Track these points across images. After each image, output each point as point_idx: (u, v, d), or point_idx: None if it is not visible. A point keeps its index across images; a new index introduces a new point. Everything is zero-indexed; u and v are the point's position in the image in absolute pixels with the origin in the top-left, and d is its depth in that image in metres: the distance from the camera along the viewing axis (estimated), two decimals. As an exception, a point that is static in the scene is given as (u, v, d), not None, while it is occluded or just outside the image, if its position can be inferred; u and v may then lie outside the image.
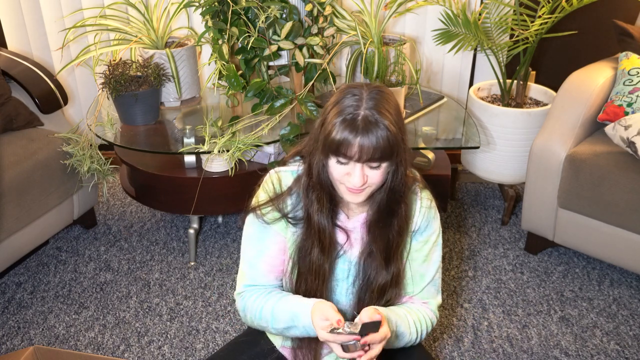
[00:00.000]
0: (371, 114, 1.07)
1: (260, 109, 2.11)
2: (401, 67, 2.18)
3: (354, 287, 1.27)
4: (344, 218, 1.25)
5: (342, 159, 1.10)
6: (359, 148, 1.07)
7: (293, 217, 1.23)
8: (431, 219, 1.28)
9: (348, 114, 1.07)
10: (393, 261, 1.24)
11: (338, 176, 1.13)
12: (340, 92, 1.13)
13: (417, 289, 1.30)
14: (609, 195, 2.01)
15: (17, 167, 2.06)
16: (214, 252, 2.40)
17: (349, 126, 1.07)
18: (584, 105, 2.14)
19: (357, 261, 1.26)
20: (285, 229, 1.25)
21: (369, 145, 1.07)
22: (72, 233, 2.54)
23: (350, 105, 1.09)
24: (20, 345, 1.98)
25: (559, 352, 1.93)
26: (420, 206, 1.25)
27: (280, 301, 1.22)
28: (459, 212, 2.65)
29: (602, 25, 2.62)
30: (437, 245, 1.30)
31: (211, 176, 2.11)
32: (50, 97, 2.32)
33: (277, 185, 1.24)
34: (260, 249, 1.26)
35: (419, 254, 1.28)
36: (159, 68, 2.21)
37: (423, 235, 1.28)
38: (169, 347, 1.96)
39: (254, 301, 1.25)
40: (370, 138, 1.06)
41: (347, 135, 1.07)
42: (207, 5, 2.05)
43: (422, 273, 1.29)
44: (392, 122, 1.08)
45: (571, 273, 2.28)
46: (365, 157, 1.08)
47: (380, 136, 1.07)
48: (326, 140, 1.09)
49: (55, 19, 2.66)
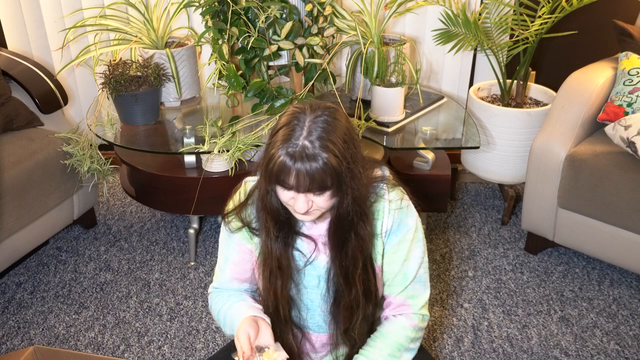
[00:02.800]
0: (311, 146, 1.04)
1: (260, 109, 2.11)
2: (401, 67, 2.18)
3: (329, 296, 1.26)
4: (310, 224, 1.23)
5: (283, 186, 1.08)
6: (296, 180, 1.05)
7: (255, 228, 1.24)
8: (403, 217, 1.22)
9: (289, 143, 1.05)
10: (353, 285, 1.22)
11: (285, 199, 1.12)
12: (287, 115, 1.10)
13: (399, 288, 1.27)
14: (609, 195, 2.01)
15: (17, 167, 2.06)
16: (214, 252, 2.40)
17: (287, 156, 1.04)
18: (584, 105, 2.14)
19: (326, 268, 1.24)
20: (249, 239, 1.26)
21: (305, 177, 1.04)
22: (72, 233, 2.54)
23: (291, 134, 1.05)
24: (20, 345, 1.98)
25: (559, 352, 1.93)
26: (388, 209, 1.21)
27: (231, 308, 1.25)
28: (459, 212, 2.65)
29: (602, 25, 2.62)
30: (416, 241, 1.25)
31: (211, 176, 2.12)
32: (50, 97, 2.32)
33: (244, 194, 1.26)
34: (226, 256, 1.30)
35: (397, 255, 1.24)
36: (159, 68, 2.21)
37: (397, 235, 1.23)
38: (169, 347, 1.96)
39: (216, 303, 1.31)
40: (307, 170, 1.04)
41: (284, 165, 1.04)
42: (207, 5, 2.05)
43: (404, 272, 1.25)
44: (333, 153, 1.04)
45: (571, 273, 2.28)
46: (302, 188, 1.06)
47: (317, 169, 1.04)
48: (267, 168, 1.07)
49: (55, 19, 2.66)
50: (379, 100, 2.18)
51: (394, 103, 2.18)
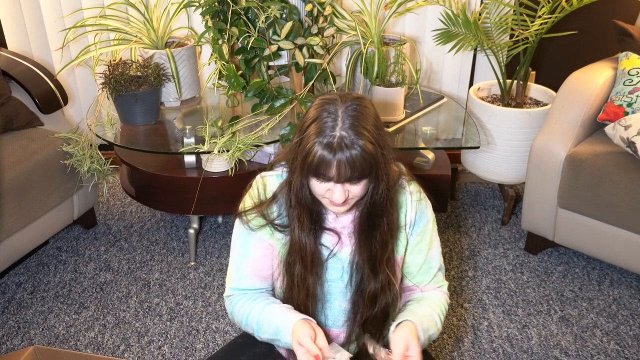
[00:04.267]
0: (347, 135, 1.05)
1: (260, 109, 2.11)
2: (401, 67, 2.18)
3: (351, 287, 1.27)
4: (332, 218, 1.24)
5: (321, 179, 1.09)
6: (337, 170, 1.06)
7: (279, 224, 1.23)
8: (423, 209, 1.27)
9: (325, 135, 1.06)
10: (380, 271, 1.23)
11: (320, 192, 1.12)
12: (316, 108, 1.10)
13: (428, 277, 1.31)
14: (609, 196, 2.01)
15: (17, 167, 2.06)
16: (214, 252, 2.40)
17: (326, 148, 1.05)
18: (584, 105, 2.14)
19: (349, 259, 1.26)
20: (271, 235, 1.25)
21: (346, 167, 1.06)
22: (72, 233, 2.54)
23: (327, 125, 1.07)
24: (20, 345, 1.98)
25: (559, 352, 1.93)
26: (410, 200, 1.25)
27: (265, 311, 1.22)
28: (459, 212, 2.65)
29: (602, 25, 2.62)
30: (435, 231, 1.31)
31: (211, 176, 2.12)
32: (50, 97, 2.32)
33: (262, 190, 1.24)
34: (245, 253, 1.27)
35: (421, 245, 1.29)
36: (159, 68, 2.21)
37: (419, 226, 1.28)
38: (169, 347, 1.96)
39: (241, 307, 1.27)
40: (347, 160, 1.05)
41: (324, 158, 1.06)
42: (207, 5, 2.05)
43: (429, 261, 1.30)
44: (369, 140, 1.06)
45: (571, 273, 2.28)
46: (343, 178, 1.07)
47: (357, 157, 1.05)
48: (305, 162, 1.08)
49: (55, 19, 2.66)
50: (379, 100, 2.18)
51: (394, 103, 2.18)
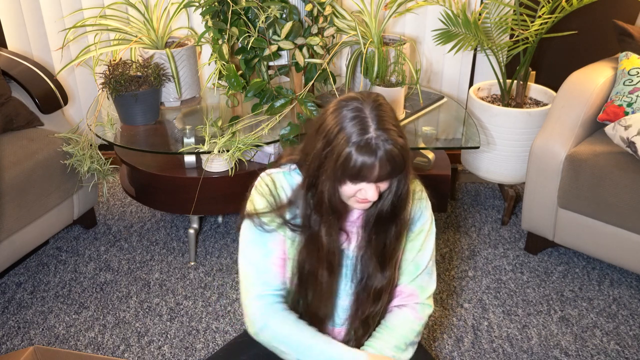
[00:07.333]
0: (381, 134, 1.06)
1: (260, 109, 2.11)
2: (401, 67, 2.18)
3: (353, 284, 1.27)
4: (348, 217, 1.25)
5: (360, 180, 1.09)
6: (378, 171, 1.07)
7: (294, 224, 1.22)
8: (423, 208, 1.28)
9: (360, 139, 1.06)
10: (389, 266, 1.24)
11: (350, 193, 1.12)
12: (335, 113, 1.09)
13: (409, 278, 1.29)
14: (609, 196, 2.01)
15: (17, 167, 2.06)
16: (214, 252, 2.40)
17: (365, 153, 1.05)
18: (584, 105, 2.14)
19: (354, 255, 1.26)
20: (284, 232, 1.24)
21: (387, 165, 1.07)
22: (72, 233, 2.54)
23: (356, 128, 1.06)
24: (20, 345, 1.98)
25: (559, 352, 1.93)
26: (412, 198, 1.26)
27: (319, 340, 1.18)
28: (459, 212, 2.65)
29: (602, 25, 2.62)
30: (431, 233, 1.30)
31: (211, 176, 2.12)
32: (50, 97, 2.32)
33: (272, 186, 1.23)
34: (265, 252, 1.22)
35: (415, 244, 1.28)
36: (159, 68, 2.21)
37: (417, 225, 1.28)
38: (169, 347, 1.96)
39: (281, 324, 1.20)
40: (387, 159, 1.06)
41: (365, 162, 1.06)
42: (207, 5, 2.05)
43: (417, 262, 1.29)
44: (398, 135, 1.08)
45: (571, 273, 2.28)
46: (383, 177, 1.09)
47: (396, 154, 1.07)
48: (343, 169, 1.08)
49: (55, 19, 2.66)
50: (379, 100, 2.18)
51: (394, 103, 2.18)
